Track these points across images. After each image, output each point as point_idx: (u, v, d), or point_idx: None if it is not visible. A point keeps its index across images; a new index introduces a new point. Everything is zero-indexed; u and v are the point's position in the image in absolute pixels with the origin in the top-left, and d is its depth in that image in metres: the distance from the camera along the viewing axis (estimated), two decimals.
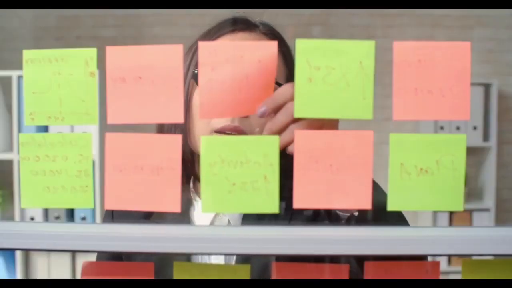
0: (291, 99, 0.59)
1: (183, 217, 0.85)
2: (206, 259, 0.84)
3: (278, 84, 0.81)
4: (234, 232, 0.54)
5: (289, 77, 0.85)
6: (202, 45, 0.55)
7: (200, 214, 0.87)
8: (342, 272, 0.58)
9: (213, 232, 0.53)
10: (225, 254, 0.81)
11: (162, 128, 0.86)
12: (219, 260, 0.83)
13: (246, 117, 0.79)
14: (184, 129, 0.83)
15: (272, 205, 0.55)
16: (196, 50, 0.85)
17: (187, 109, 0.83)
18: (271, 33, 0.86)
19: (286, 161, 0.57)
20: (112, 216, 0.89)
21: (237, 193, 0.55)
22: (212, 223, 0.85)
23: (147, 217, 0.82)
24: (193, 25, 3.15)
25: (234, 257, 0.84)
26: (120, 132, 0.56)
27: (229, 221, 0.86)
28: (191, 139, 0.84)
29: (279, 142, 0.56)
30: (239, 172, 0.55)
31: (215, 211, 0.60)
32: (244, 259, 0.81)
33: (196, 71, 0.81)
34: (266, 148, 0.55)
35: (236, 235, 0.53)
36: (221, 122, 0.78)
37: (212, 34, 0.85)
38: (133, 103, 0.55)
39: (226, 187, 0.55)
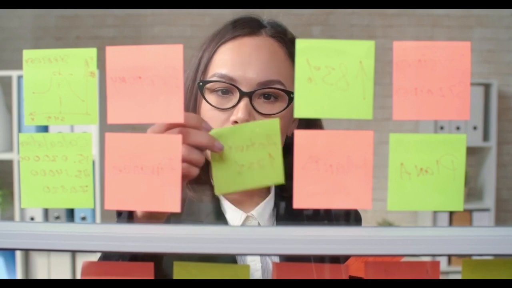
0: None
1: (216, 219, 0.85)
2: (241, 261, 0.83)
3: (285, 91, 0.80)
4: (234, 232, 0.54)
5: None
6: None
7: (231, 216, 0.86)
8: (342, 272, 0.58)
9: (214, 232, 0.53)
10: (226, 254, 0.80)
11: None
12: (255, 261, 0.83)
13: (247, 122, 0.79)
14: None
15: (278, 177, 0.61)
16: (201, 57, 0.84)
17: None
18: (279, 36, 0.84)
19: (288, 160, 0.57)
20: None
21: (246, 173, 0.62)
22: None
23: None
24: (193, 25, 3.15)
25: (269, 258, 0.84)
26: (120, 132, 0.56)
27: (259, 224, 0.86)
28: None
29: None
30: (246, 155, 0.62)
31: (226, 191, 0.65)
32: (286, 259, 0.81)
33: (201, 83, 0.81)
34: (268, 129, 0.61)
35: (236, 235, 0.53)
36: None
37: (217, 40, 0.83)
38: (133, 103, 0.55)
39: (236, 169, 0.62)
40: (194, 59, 0.85)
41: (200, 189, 0.85)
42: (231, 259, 0.80)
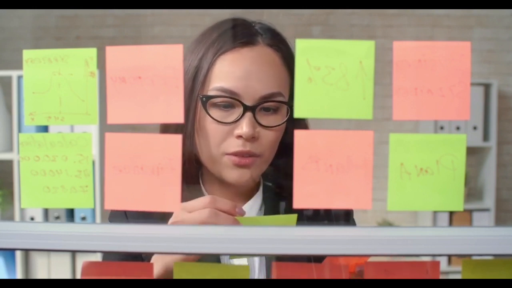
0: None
1: None
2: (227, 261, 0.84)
3: (286, 103, 0.81)
4: (234, 232, 0.54)
5: (293, 84, 0.83)
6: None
7: None
8: (342, 272, 0.58)
9: (214, 232, 0.54)
10: (226, 254, 0.81)
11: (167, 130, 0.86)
12: (241, 260, 0.84)
13: (257, 139, 0.80)
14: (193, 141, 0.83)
15: None
16: (198, 67, 0.82)
17: (194, 127, 0.82)
18: (276, 45, 0.83)
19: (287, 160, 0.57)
20: (126, 216, 0.88)
21: None
22: None
23: (165, 218, 0.79)
24: (193, 25, 3.15)
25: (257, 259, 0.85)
26: (120, 132, 0.56)
27: None
28: (201, 156, 0.84)
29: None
30: None
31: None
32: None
33: (204, 98, 0.80)
34: (286, 222, 0.70)
35: (236, 235, 0.53)
36: (233, 146, 0.79)
37: (215, 51, 0.82)
38: (133, 103, 0.55)
39: None
40: (190, 67, 0.83)
41: (190, 192, 0.85)
42: (215, 257, 0.81)
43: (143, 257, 0.82)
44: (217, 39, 0.83)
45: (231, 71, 0.80)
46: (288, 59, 0.84)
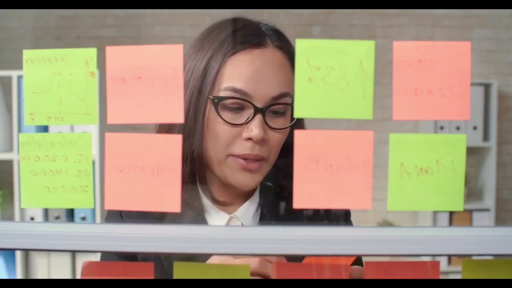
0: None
1: (198, 220, 0.85)
2: None
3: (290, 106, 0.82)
4: (234, 232, 0.54)
5: None
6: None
7: (214, 218, 0.86)
8: (342, 272, 0.58)
9: (214, 232, 0.54)
10: (226, 254, 0.81)
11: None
12: None
13: (266, 142, 0.80)
14: (201, 140, 0.82)
15: None
16: (207, 67, 0.81)
17: (203, 127, 0.82)
18: (284, 47, 0.83)
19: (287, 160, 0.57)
20: (121, 216, 0.87)
21: None
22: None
23: (161, 218, 0.77)
24: (193, 25, 3.15)
25: None
26: (120, 132, 0.56)
27: (242, 225, 0.86)
28: (206, 157, 0.83)
29: None
30: None
31: None
32: None
33: (216, 100, 0.79)
34: None
35: (236, 235, 0.53)
36: (241, 148, 0.79)
37: (225, 51, 0.81)
38: (133, 103, 0.55)
39: None
40: (197, 67, 0.82)
41: (187, 194, 0.85)
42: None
43: (138, 258, 0.81)
44: (226, 40, 0.82)
45: (243, 72, 0.80)
46: (294, 60, 0.83)
